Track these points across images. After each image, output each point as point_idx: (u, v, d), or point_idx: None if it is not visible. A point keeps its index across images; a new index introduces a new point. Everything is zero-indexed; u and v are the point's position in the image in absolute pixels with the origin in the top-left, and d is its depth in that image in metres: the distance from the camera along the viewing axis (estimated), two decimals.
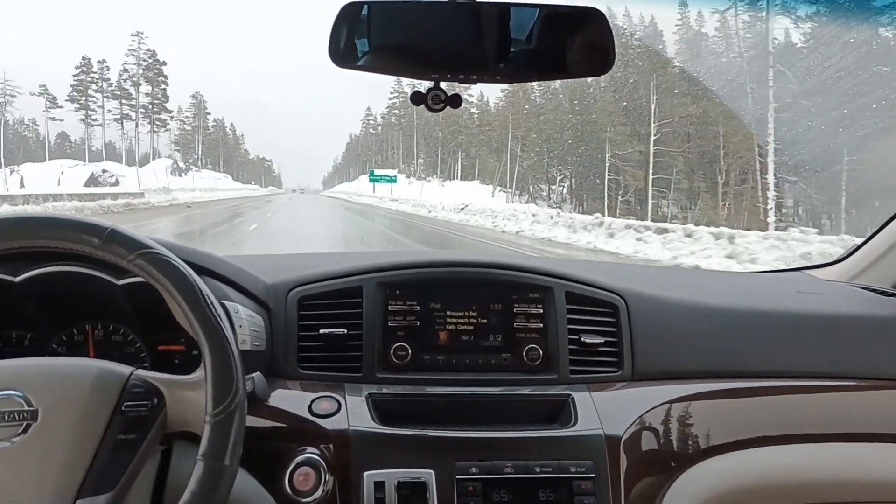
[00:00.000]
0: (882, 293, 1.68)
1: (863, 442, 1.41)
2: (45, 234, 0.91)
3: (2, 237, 0.90)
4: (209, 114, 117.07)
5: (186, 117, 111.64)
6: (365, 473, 1.15)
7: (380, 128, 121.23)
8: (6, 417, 0.87)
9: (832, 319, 1.51)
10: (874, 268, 1.78)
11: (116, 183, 63.36)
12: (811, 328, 1.49)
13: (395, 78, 1.14)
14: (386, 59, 1.10)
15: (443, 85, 1.09)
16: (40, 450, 0.86)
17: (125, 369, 0.95)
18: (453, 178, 79.20)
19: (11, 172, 62.40)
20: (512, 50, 1.10)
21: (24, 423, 0.87)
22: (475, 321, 1.38)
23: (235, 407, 0.89)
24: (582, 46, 1.09)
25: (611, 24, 1.09)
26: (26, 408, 0.88)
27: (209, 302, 0.92)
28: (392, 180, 59.68)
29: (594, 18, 1.08)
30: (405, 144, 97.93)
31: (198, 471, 0.85)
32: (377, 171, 65.71)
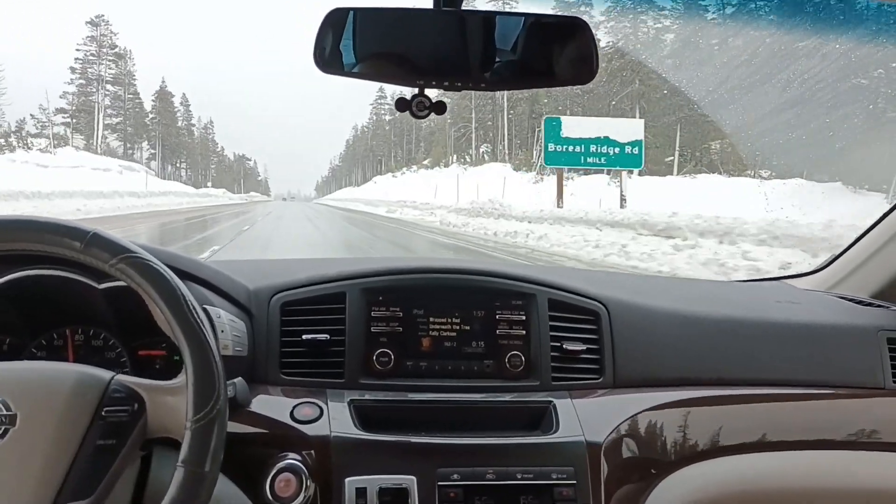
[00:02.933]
0: (859, 303, 1.70)
1: (839, 450, 1.42)
2: (27, 237, 0.91)
3: None
4: (134, 64, 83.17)
5: (81, 59, 75.29)
6: (347, 479, 1.15)
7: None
8: None
9: (810, 328, 1.53)
10: (852, 277, 1.81)
11: None
12: (790, 337, 1.50)
13: None
14: (371, 65, 1.10)
15: (427, 91, 1.10)
16: (18, 455, 0.85)
17: (105, 374, 0.95)
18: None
19: None
20: (497, 58, 1.10)
21: (2, 428, 0.86)
22: (458, 328, 1.39)
23: (216, 413, 0.88)
24: (566, 55, 1.10)
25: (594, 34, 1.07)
26: (4, 412, 0.87)
27: (191, 307, 0.92)
28: (634, 162, 21.80)
29: (578, 28, 1.09)
30: (481, 118, 64.37)
31: (178, 477, 0.85)
32: (565, 123, 22.50)
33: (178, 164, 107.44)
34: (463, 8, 1.08)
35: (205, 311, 0.99)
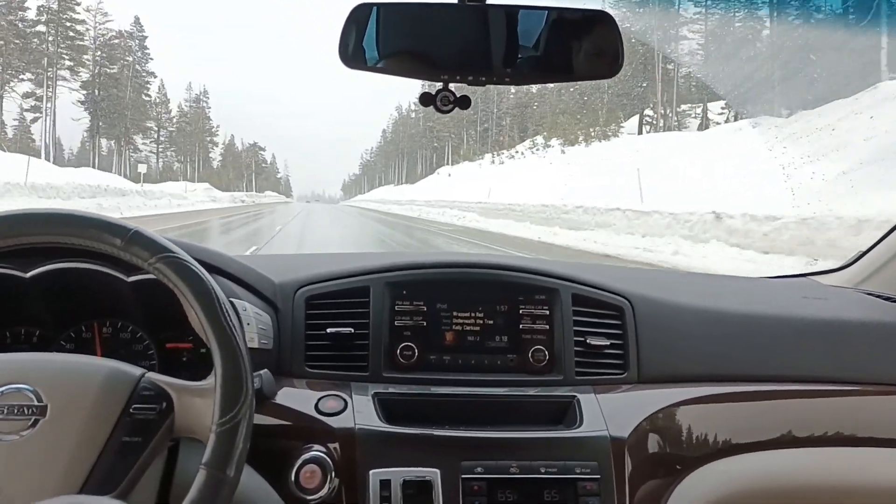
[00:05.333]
0: (887, 299, 1.68)
1: (866, 447, 1.41)
2: (70, 231, 0.92)
3: (28, 231, 0.91)
4: None
5: None
6: (371, 472, 1.16)
7: None
8: (15, 411, 0.88)
9: (837, 325, 1.51)
10: (879, 274, 1.78)
11: None
12: (816, 333, 1.49)
13: None
14: (395, 60, 1.11)
15: (451, 86, 1.10)
16: (47, 446, 0.87)
17: (136, 371, 0.96)
18: None
19: None
20: (521, 52, 1.10)
21: (33, 419, 0.88)
22: (481, 322, 1.39)
23: (242, 417, 0.89)
24: (591, 49, 1.10)
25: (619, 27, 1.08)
26: (36, 403, 0.88)
27: (225, 311, 0.93)
28: None
29: (603, 21, 1.09)
30: None
31: (199, 479, 0.86)
32: None
33: (128, 144, 71.31)
34: (488, 2, 1.08)
35: (231, 304, 1.01)
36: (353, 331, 1.35)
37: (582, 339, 1.38)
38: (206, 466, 0.86)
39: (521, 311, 1.40)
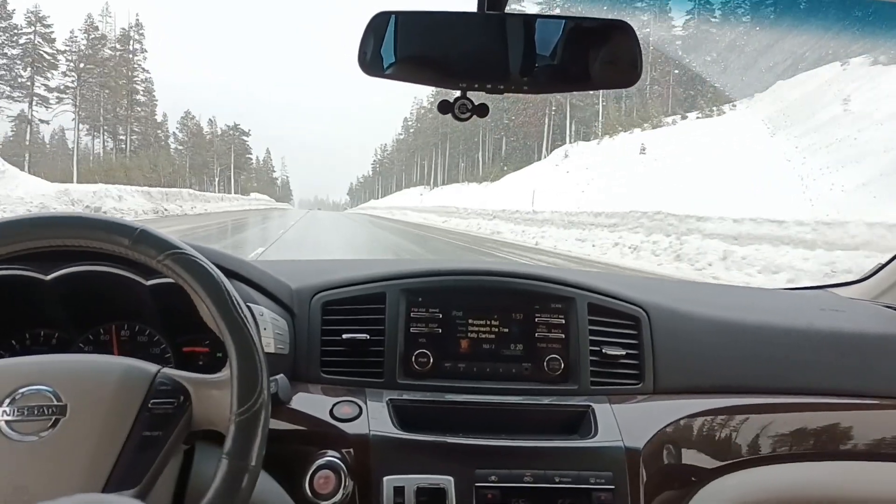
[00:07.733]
0: None
1: (884, 461, 1.39)
2: (78, 234, 0.93)
3: (35, 235, 0.92)
4: None
5: None
6: (385, 478, 1.16)
7: None
8: (35, 412, 0.89)
9: (856, 337, 1.50)
10: None
11: None
12: (834, 346, 1.48)
13: None
14: (414, 68, 1.11)
15: (469, 94, 1.11)
16: (68, 445, 0.88)
17: (152, 367, 0.97)
18: None
19: None
20: (538, 61, 1.10)
21: (53, 418, 0.89)
22: (497, 330, 1.39)
23: (260, 406, 0.90)
24: (609, 58, 1.09)
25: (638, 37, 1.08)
26: (55, 403, 0.89)
27: (236, 302, 0.94)
28: None
29: (622, 31, 1.09)
30: None
31: (222, 469, 0.86)
32: None
33: None
34: (507, 11, 1.08)
35: (248, 308, 1.01)
36: (368, 337, 1.36)
37: (597, 348, 1.38)
38: (228, 456, 0.87)
39: (536, 320, 1.40)
